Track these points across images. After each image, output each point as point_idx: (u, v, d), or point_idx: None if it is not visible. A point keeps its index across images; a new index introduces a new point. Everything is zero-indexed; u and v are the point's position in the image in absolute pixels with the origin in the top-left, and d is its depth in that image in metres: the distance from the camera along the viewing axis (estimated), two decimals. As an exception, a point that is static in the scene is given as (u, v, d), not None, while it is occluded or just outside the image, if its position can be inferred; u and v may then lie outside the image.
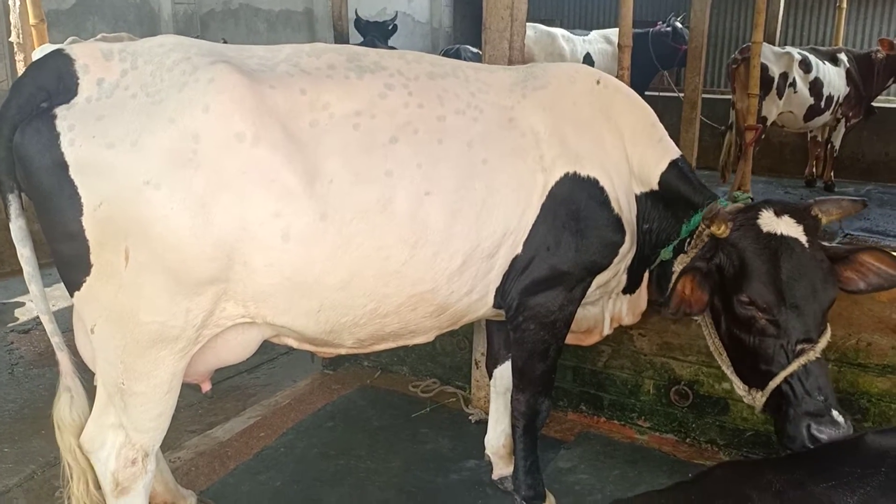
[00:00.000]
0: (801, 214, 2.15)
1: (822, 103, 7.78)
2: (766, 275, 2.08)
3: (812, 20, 13.71)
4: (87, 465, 2.35)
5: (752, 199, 2.48)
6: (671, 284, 2.25)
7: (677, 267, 2.52)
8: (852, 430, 2.01)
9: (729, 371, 2.34)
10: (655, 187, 2.62)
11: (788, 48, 7.90)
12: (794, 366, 2.05)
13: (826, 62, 7.91)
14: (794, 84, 7.52)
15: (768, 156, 9.16)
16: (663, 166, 2.60)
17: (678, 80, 9.42)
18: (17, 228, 2.16)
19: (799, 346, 2.05)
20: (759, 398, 2.18)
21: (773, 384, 2.11)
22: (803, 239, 2.10)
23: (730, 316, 2.22)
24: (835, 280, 2.10)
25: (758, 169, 6.43)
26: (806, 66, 7.66)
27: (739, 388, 2.27)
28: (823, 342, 2.05)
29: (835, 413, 2.02)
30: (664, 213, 2.64)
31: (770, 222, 2.14)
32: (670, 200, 2.61)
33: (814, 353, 2.03)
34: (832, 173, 8.68)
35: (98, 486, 2.36)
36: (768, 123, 7.55)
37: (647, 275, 2.79)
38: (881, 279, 2.13)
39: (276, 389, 4.16)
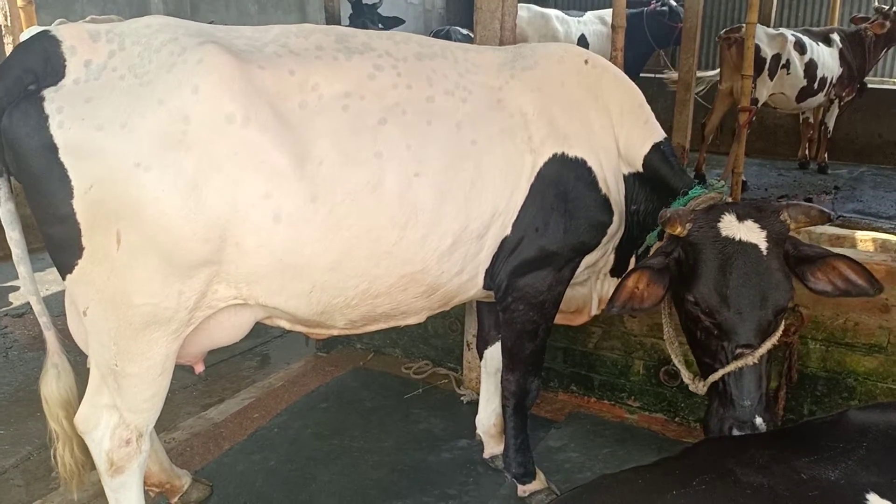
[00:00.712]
0: (766, 219, 2.16)
1: (816, 84, 7.76)
2: (712, 280, 2.12)
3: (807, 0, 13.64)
4: (71, 432, 2.41)
5: (745, 181, 2.49)
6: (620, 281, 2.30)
7: None
8: None
9: (677, 360, 2.40)
10: (640, 169, 2.64)
11: (782, 29, 7.86)
12: (729, 367, 2.11)
13: (820, 43, 7.88)
14: (787, 65, 7.48)
15: (762, 138, 9.19)
16: (647, 148, 2.61)
17: (674, 60, 9.38)
18: (6, 212, 2.17)
19: (738, 350, 2.11)
20: (700, 387, 2.25)
21: (710, 379, 2.18)
22: (763, 245, 2.11)
23: (681, 308, 2.28)
24: (789, 287, 2.12)
25: (751, 151, 6.44)
26: (801, 47, 7.62)
27: (685, 377, 2.33)
28: (766, 346, 2.10)
29: (758, 420, 2.08)
30: (650, 196, 2.65)
31: (730, 226, 2.16)
32: (654, 183, 2.63)
33: (751, 359, 2.08)
34: (826, 155, 8.67)
35: (82, 450, 2.43)
36: (759, 105, 7.53)
37: (633, 259, 2.82)
38: (849, 287, 2.16)
39: (270, 371, 4.19)
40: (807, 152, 8.92)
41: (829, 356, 3.15)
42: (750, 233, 2.13)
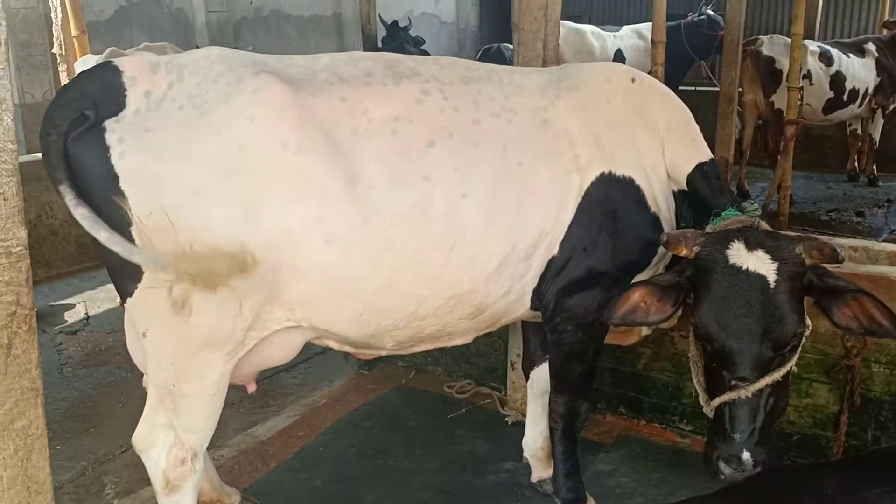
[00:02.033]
0: (779, 251, 2.12)
1: (845, 96, 7.62)
2: (712, 307, 2.11)
3: (854, 9, 13.30)
4: None
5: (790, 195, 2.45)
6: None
7: None
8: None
9: (696, 380, 2.37)
10: (685, 187, 2.62)
11: (806, 41, 7.74)
12: (724, 397, 2.10)
13: (851, 54, 7.74)
14: (809, 76, 7.33)
15: (809, 150, 8.92)
16: (690, 167, 2.58)
17: (713, 70, 9.24)
18: (82, 217, 2.01)
19: (732, 381, 2.08)
20: (709, 410, 2.23)
21: (712, 404, 2.17)
22: (772, 277, 2.07)
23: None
24: (796, 322, 2.07)
25: (798, 164, 6.31)
26: (827, 59, 7.53)
27: (701, 398, 2.31)
28: (765, 381, 2.05)
29: (745, 455, 2.04)
30: (698, 214, 2.62)
31: (738, 255, 2.13)
32: (697, 202, 2.60)
33: (744, 392, 2.05)
34: (874, 167, 8.44)
35: None
36: (785, 116, 7.42)
37: None
38: (873, 326, 2.09)
39: (313, 389, 4.21)
40: (856, 164, 8.69)
41: (894, 379, 3.02)
42: (759, 263, 2.10)
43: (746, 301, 2.06)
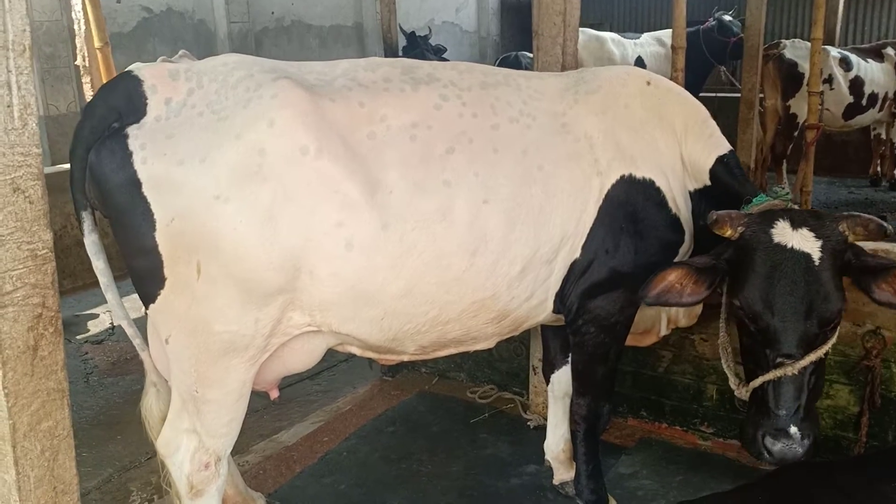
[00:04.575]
0: (823, 229, 2.13)
1: (864, 101, 7.62)
2: (758, 286, 2.12)
3: (874, 15, 13.14)
4: None
5: (793, 196, 2.46)
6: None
7: None
8: (805, 449, 2.02)
9: (726, 365, 2.39)
10: (708, 182, 2.61)
11: (827, 47, 7.71)
12: (769, 375, 2.10)
13: (869, 60, 7.75)
14: (830, 80, 7.33)
15: (831, 155, 8.86)
16: (711, 161, 2.59)
17: (734, 75, 9.20)
18: (91, 243, 2.24)
19: (779, 359, 2.08)
20: (744, 392, 2.24)
21: (752, 384, 2.17)
22: (816, 255, 2.08)
23: (731, 310, 2.29)
24: (840, 300, 2.08)
25: (819, 169, 6.26)
26: (846, 64, 7.53)
27: (732, 382, 2.32)
28: (810, 359, 2.06)
29: (792, 429, 2.05)
30: (719, 209, 2.60)
31: (783, 233, 2.14)
32: (719, 195, 2.59)
33: (790, 370, 2.06)
34: (895, 171, 8.41)
35: None
36: (798, 121, 7.37)
37: None
38: None
39: (338, 395, 4.24)
40: (878, 169, 8.67)
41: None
42: (803, 241, 2.11)
43: (792, 279, 2.08)
